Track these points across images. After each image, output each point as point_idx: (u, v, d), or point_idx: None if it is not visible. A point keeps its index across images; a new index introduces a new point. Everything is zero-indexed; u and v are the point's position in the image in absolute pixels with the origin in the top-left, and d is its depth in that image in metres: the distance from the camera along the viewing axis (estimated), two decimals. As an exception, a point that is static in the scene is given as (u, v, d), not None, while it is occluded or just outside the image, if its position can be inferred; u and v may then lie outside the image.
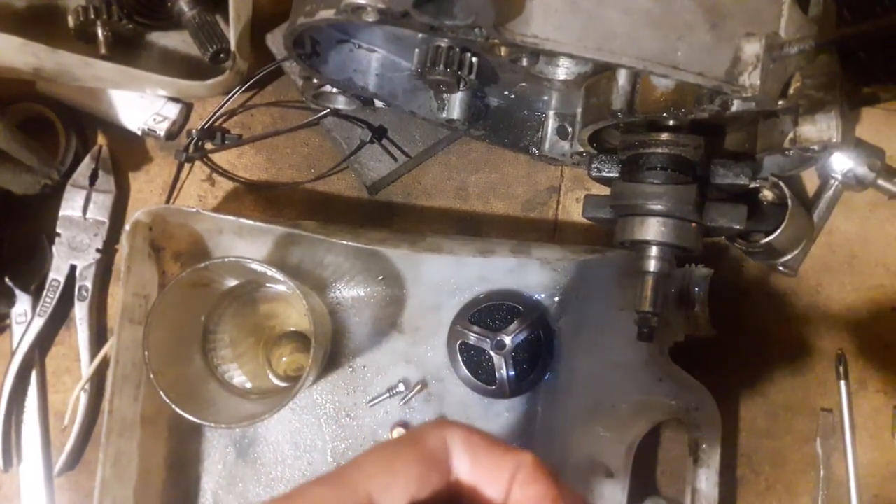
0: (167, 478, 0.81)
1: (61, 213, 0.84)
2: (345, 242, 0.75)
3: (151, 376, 0.70)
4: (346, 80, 0.69)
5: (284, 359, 0.83)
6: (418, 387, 0.80)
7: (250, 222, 0.76)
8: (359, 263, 0.81)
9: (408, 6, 0.50)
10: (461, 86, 0.66)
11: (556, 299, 0.80)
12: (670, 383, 0.74)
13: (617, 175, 0.69)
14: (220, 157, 0.87)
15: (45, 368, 0.85)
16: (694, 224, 0.65)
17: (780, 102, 0.57)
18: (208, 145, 0.85)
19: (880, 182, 0.77)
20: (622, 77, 0.61)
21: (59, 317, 0.85)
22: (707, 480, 0.72)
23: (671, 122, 0.64)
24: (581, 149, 0.73)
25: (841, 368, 0.78)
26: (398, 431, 0.79)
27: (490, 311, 0.78)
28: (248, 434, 0.81)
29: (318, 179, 0.86)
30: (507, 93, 0.74)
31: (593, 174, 0.70)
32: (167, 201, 0.86)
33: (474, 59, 0.63)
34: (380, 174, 0.83)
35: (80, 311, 0.83)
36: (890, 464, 0.77)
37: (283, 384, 0.82)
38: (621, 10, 0.54)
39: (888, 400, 0.78)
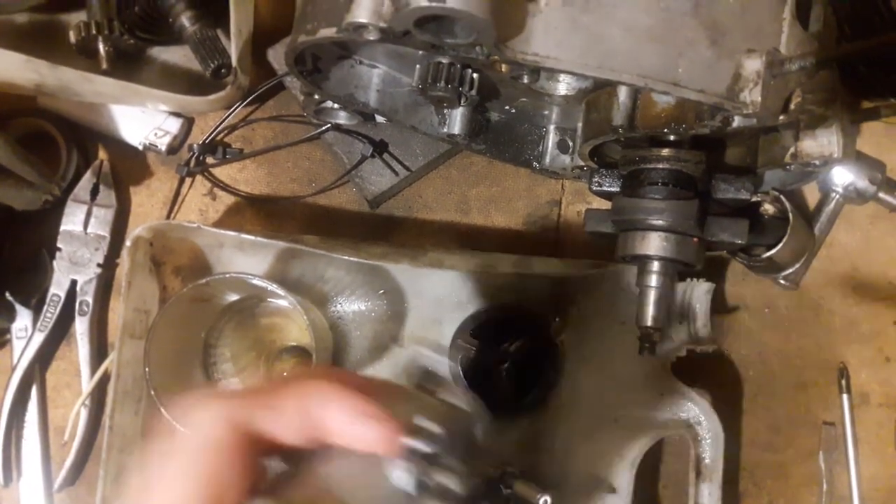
0: (168, 493, 0.80)
1: (62, 227, 0.84)
2: (346, 257, 0.75)
3: (152, 392, 0.70)
4: (347, 95, 0.69)
5: (286, 373, 0.83)
6: (420, 401, 0.80)
7: (251, 237, 0.76)
8: (360, 278, 0.81)
9: (409, 25, 0.50)
10: (462, 101, 0.67)
11: (558, 313, 0.80)
12: (672, 398, 0.74)
13: (618, 190, 0.68)
14: (222, 172, 0.87)
15: (45, 383, 0.85)
16: (695, 239, 0.65)
17: (781, 118, 0.57)
18: (209, 160, 0.85)
19: (881, 195, 0.77)
20: (623, 93, 0.61)
21: (60, 332, 0.84)
22: (710, 495, 0.72)
23: (672, 138, 0.64)
24: (582, 163, 0.73)
25: (843, 382, 0.78)
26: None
27: (492, 326, 0.78)
28: (249, 449, 0.81)
29: (319, 193, 0.86)
30: (507, 107, 0.74)
31: (594, 189, 0.70)
32: (168, 216, 0.86)
33: (475, 76, 0.63)
34: (381, 188, 0.83)
35: (81, 325, 0.83)
36: (893, 477, 0.77)
37: (284, 399, 0.81)
38: (622, 27, 0.54)
39: (890, 413, 0.78)
